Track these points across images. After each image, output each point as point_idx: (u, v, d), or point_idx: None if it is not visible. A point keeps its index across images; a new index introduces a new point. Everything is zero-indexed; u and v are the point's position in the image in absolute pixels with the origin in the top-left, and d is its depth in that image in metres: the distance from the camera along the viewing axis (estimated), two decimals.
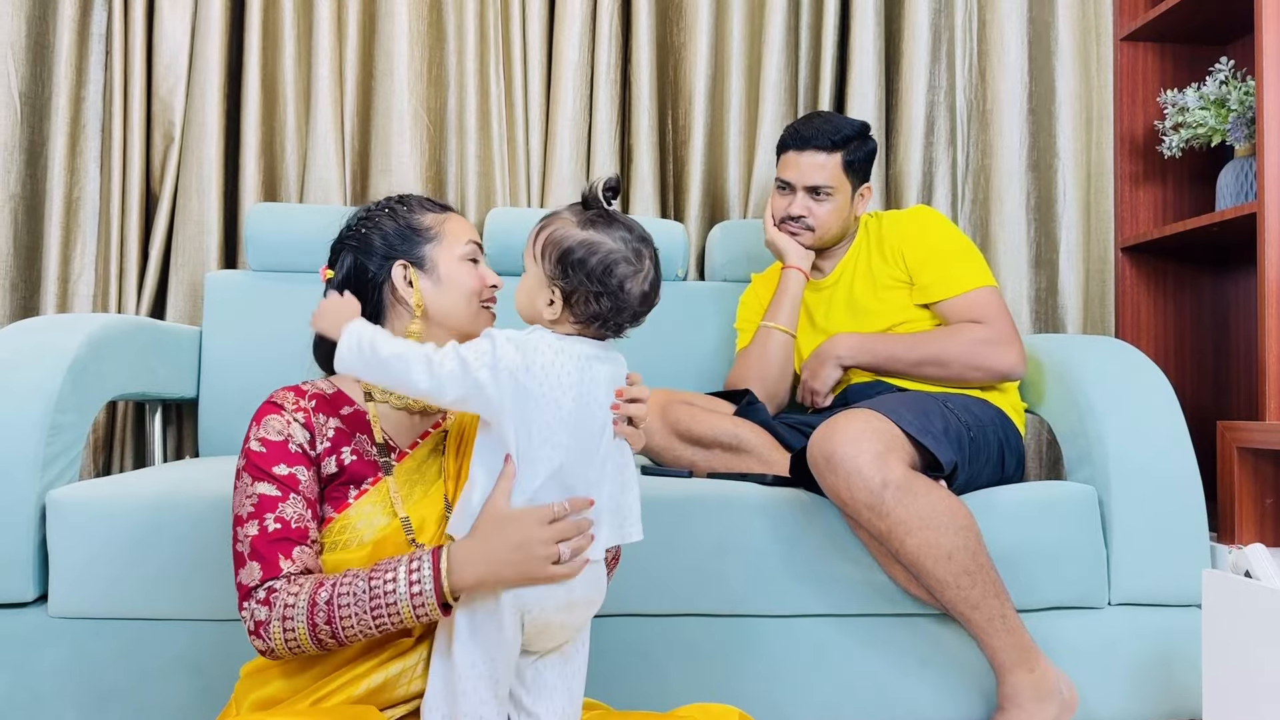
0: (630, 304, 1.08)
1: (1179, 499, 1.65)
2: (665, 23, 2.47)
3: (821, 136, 1.86)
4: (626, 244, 1.07)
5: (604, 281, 1.06)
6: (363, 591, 1.04)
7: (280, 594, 1.05)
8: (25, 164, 2.26)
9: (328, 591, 1.04)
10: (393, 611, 1.03)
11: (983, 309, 1.79)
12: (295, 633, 1.04)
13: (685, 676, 1.57)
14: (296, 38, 2.34)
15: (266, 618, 1.05)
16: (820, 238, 1.90)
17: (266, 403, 1.17)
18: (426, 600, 1.03)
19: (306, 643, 1.05)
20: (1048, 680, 1.48)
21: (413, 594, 1.03)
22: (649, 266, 1.09)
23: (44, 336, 1.64)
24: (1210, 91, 2.20)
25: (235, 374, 2.09)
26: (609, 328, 1.09)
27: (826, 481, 1.48)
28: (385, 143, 2.36)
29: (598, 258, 1.06)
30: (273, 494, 1.10)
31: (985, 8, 2.49)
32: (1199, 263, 2.48)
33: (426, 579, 1.03)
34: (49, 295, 2.27)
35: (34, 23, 2.27)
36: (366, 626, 1.04)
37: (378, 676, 1.11)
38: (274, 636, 1.05)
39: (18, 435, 1.50)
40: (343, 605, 1.03)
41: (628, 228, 1.09)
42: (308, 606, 1.04)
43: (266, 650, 1.07)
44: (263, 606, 1.06)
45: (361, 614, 1.03)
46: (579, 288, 1.06)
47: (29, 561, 1.48)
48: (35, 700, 1.47)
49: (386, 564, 1.05)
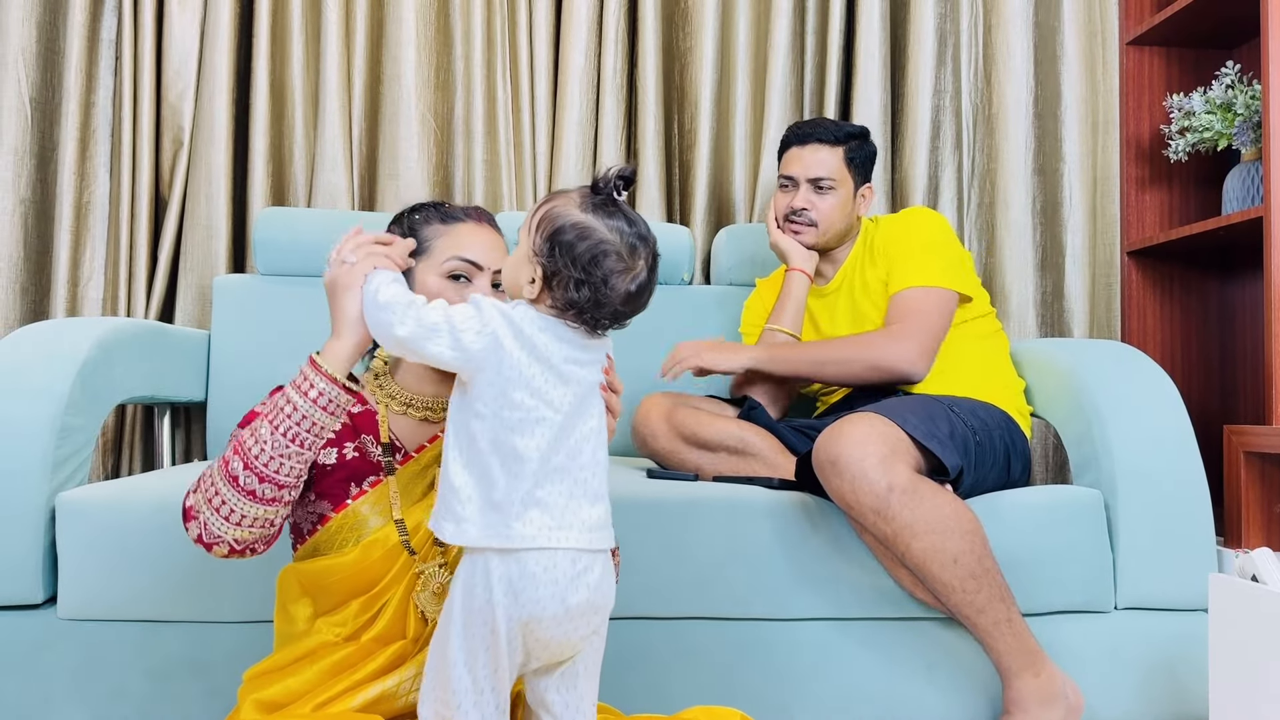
0: (611, 302, 1.02)
1: (1185, 503, 1.64)
2: (671, 28, 2.48)
3: (824, 131, 1.89)
4: (622, 238, 1.02)
5: (588, 271, 1.00)
6: (261, 424, 1.05)
7: (201, 477, 1.09)
8: (36, 169, 2.28)
9: (231, 443, 1.07)
10: (301, 420, 1.05)
11: (907, 306, 1.76)
12: (216, 488, 1.05)
13: (690, 680, 1.57)
14: (304, 43, 2.35)
15: (194, 502, 1.08)
16: (824, 233, 1.90)
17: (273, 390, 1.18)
18: (326, 392, 1.05)
19: (230, 494, 1.05)
20: (1053, 685, 1.48)
21: (313, 398, 1.05)
22: (641, 268, 1.03)
23: (54, 340, 1.65)
24: (1216, 95, 2.20)
25: (243, 377, 2.10)
26: (585, 320, 1.03)
27: (832, 485, 1.48)
28: (393, 147, 2.37)
29: (587, 244, 1.01)
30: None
31: (991, 12, 2.49)
32: (1205, 267, 2.47)
33: (316, 378, 1.05)
34: (59, 299, 2.28)
35: (44, 29, 2.28)
36: (282, 448, 1.04)
37: (374, 689, 1.11)
38: (201, 510, 1.07)
39: (28, 437, 1.51)
40: (249, 444, 1.05)
41: (629, 221, 1.03)
42: (219, 465, 1.06)
43: (202, 536, 1.07)
44: (192, 494, 1.09)
45: (267, 438, 1.04)
46: (562, 270, 1.01)
47: (38, 564, 1.49)
48: (44, 702, 1.48)
49: (274, 399, 1.08)
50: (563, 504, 1.02)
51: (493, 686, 1.01)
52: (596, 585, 1.04)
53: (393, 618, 1.16)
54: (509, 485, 1.00)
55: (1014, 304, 2.45)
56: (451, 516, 1.02)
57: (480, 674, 1.00)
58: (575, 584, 1.01)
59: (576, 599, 1.02)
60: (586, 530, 1.03)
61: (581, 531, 1.03)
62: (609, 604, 1.07)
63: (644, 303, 1.06)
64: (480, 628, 1.00)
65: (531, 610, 1.00)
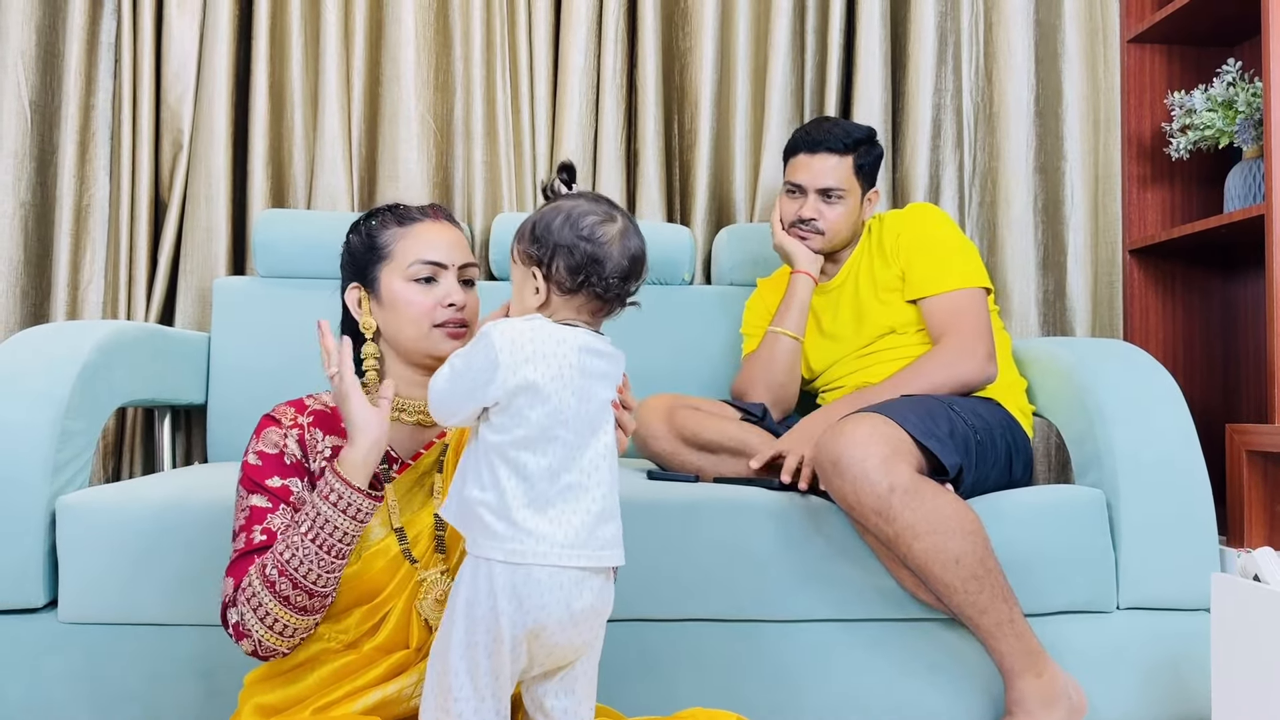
0: (608, 253, 1.04)
1: (1188, 502, 1.64)
2: (671, 27, 2.48)
3: (834, 139, 1.86)
4: (588, 200, 1.06)
5: (574, 232, 1.03)
6: (295, 536, 1.06)
7: (241, 590, 1.08)
8: (35, 172, 2.28)
9: (271, 558, 1.07)
10: (333, 531, 1.06)
11: (957, 315, 1.77)
12: (265, 608, 1.06)
13: (692, 682, 1.56)
14: (304, 45, 2.35)
15: (240, 616, 1.08)
16: (830, 241, 1.90)
17: (265, 416, 1.19)
18: (347, 498, 1.06)
19: (280, 611, 1.06)
20: (1056, 685, 1.48)
21: (340, 508, 1.06)
22: (622, 222, 1.06)
23: (54, 343, 1.65)
24: (1218, 93, 2.19)
25: (244, 380, 2.10)
26: (597, 287, 1.04)
27: (833, 486, 1.48)
28: (392, 149, 2.37)
29: (561, 216, 1.05)
30: (264, 505, 1.12)
31: (991, 10, 2.49)
32: (1207, 265, 2.47)
33: (336, 484, 1.06)
34: (59, 302, 2.28)
35: (44, 32, 2.28)
36: (321, 561, 1.06)
37: (376, 694, 1.11)
38: (253, 628, 1.07)
39: (28, 441, 1.51)
40: (288, 556, 1.06)
41: (588, 198, 1.07)
42: (261, 581, 1.06)
43: (256, 649, 1.08)
44: (233, 609, 1.09)
45: (307, 551, 1.05)
46: (553, 250, 1.04)
47: (39, 567, 1.49)
48: (46, 705, 1.48)
49: (304, 508, 1.08)
50: (575, 522, 1.02)
51: (494, 693, 1.01)
52: (599, 591, 1.04)
53: (395, 627, 1.15)
54: (521, 503, 1.01)
55: (1016, 302, 2.44)
56: (463, 525, 1.03)
57: (481, 680, 1.00)
58: (579, 589, 1.02)
59: (581, 605, 1.02)
60: (598, 548, 1.04)
61: (594, 550, 1.03)
62: (610, 608, 1.07)
63: (640, 261, 1.07)
64: (483, 635, 1.00)
65: (537, 617, 1.00)
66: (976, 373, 1.73)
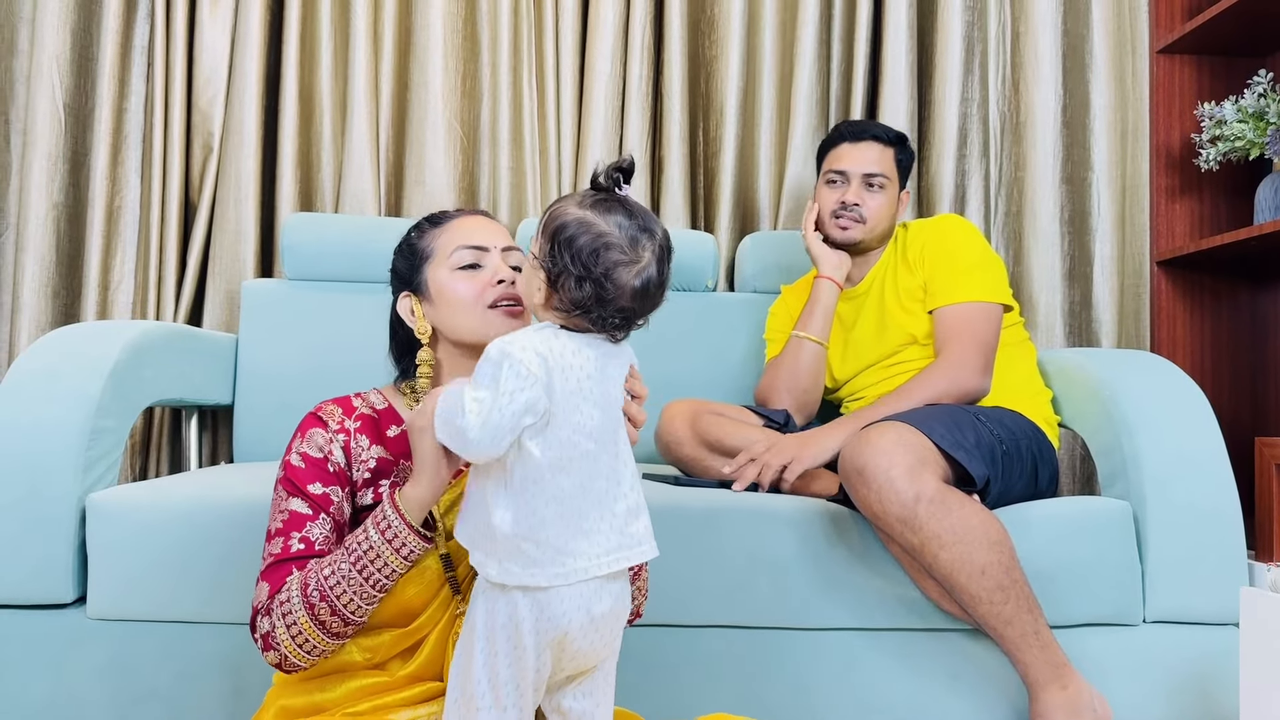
0: (617, 297, 0.97)
1: (1216, 515, 1.62)
2: (697, 35, 2.48)
3: (879, 129, 1.92)
4: (622, 230, 0.98)
5: (589, 266, 0.96)
6: (343, 561, 1.04)
7: (277, 600, 1.06)
8: (68, 173, 2.31)
9: (314, 576, 1.05)
10: (382, 567, 1.04)
11: (960, 328, 1.76)
12: (299, 625, 1.05)
13: (713, 688, 1.56)
14: (333, 50, 2.37)
15: (271, 627, 1.06)
16: (871, 230, 1.90)
17: (311, 414, 1.15)
18: (402, 537, 1.04)
19: (312, 631, 1.05)
20: (1081, 698, 1.47)
21: (388, 539, 1.04)
22: (648, 260, 0.98)
23: (85, 343, 1.67)
24: (1248, 104, 2.18)
25: (270, 381, 2.12)
26: (593, 320, 0.98)
27: (858, 494, 1.48)
28: (419, 154, 2.39)
29: (586, 238, 0.97)
30: (304, 512, 1.10)
31: (1019, 19, 2.48)
32: (1236, 277, 2.45)
33: (393, 518, 1.04)
34: (89, 302, 2.31)
35: (78, 35, 2.32)
36: (360, 589, 1.04)
37: (404, 714, 1.09)
38: (282, 642, 1.05)
39: (60, 439, 1.52)
40: (332, 582, 1.04)
41: (629, 214, 0.99)
42: (301, 598, 1.05)
43: (281, 661, 1.07)
44: (265, 618, 1.07)
45: (351, 579, 1.04)
46: (564, 270, 0.97)
47: (69, 563, 1.50)
48: (73, 701, 1.50)
49: (356, 533, 1.06)
50: (606, 528, 1.01)
51: (515, 703, 1.00)
52: (618, 594, 1.03)
53: (429, 658, 1.12)
54: (555, 525, 0.98)
55: (1042, 313, 2.43)
56: (492, 554, 0.99)
57: (503, 690, 0.99)
58: (599, 594, 1.01)
59: (601, 609, 1.01)
60: (631, 546, 1.03)
61: (627, 549, 1.02)
62: (629, 610, 1.07)
63: (655, 299, 1.01)
64: (504, 643, 0.98)
65: (559, 625, 0.99)
66: (968, 384, 1.72)
